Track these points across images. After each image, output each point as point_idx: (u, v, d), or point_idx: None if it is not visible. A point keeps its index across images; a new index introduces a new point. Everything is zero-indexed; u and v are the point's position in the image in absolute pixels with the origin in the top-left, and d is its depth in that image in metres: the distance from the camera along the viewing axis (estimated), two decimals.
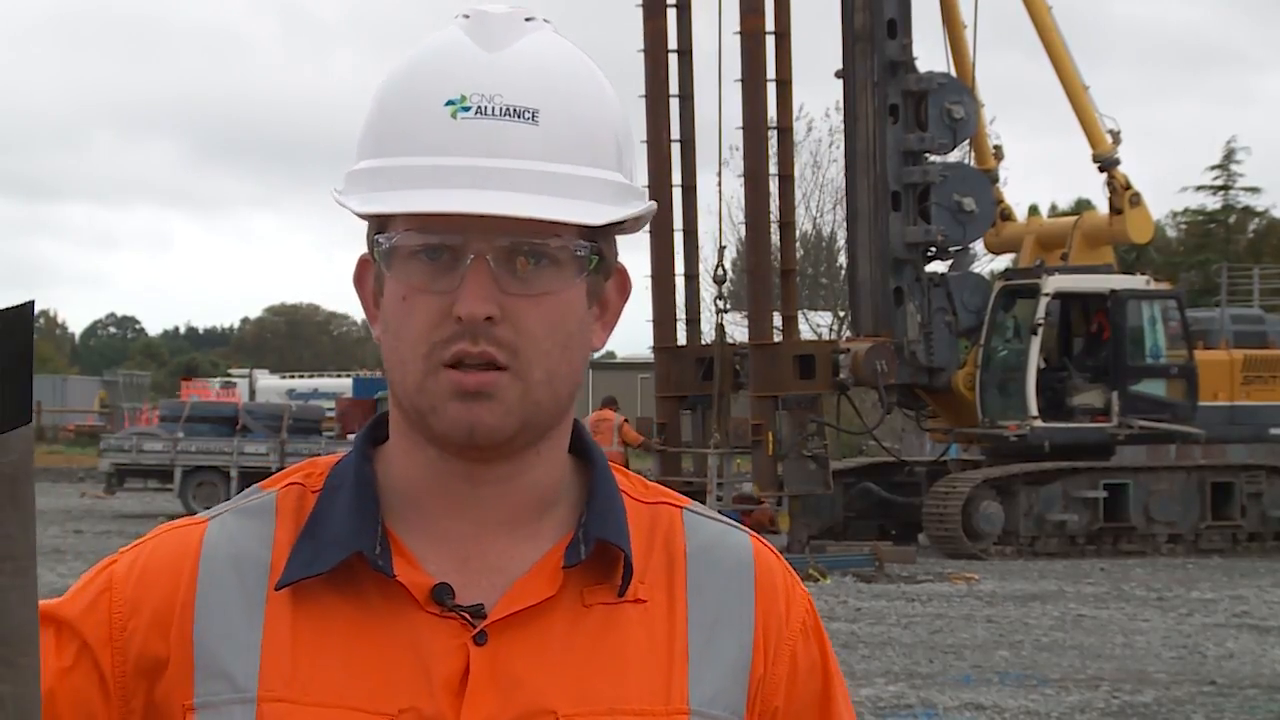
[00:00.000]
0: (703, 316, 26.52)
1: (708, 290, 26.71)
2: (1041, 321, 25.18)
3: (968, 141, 26.57)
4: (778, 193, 26.35)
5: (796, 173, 29.21)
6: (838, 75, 25.90)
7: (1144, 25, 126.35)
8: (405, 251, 1.61)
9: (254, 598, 1.65)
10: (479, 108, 1.59)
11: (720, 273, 25.58)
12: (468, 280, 1.59)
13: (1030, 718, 11.56)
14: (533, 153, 1.59)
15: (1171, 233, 59.46)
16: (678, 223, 25.81)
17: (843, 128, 27.10)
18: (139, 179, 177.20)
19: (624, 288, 1.71)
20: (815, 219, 45.60)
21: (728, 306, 26.29)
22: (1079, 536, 24.51)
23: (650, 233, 25.03)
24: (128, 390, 57.14)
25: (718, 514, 1.78)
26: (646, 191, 1.69)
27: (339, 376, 59.16)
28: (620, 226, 1.66)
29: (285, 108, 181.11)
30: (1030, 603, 18.29)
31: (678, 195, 25.72)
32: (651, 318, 25.90)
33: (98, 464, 33.82)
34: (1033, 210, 37.51)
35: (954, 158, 26.76)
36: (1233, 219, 57.72)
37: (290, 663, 1.62)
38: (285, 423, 31.42)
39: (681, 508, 1.74)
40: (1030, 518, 24.33)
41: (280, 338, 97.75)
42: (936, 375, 25.32)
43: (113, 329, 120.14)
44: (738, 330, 30.65)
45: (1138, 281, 26.12)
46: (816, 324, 43.86)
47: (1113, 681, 13.02)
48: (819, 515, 24.49)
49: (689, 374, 25.37)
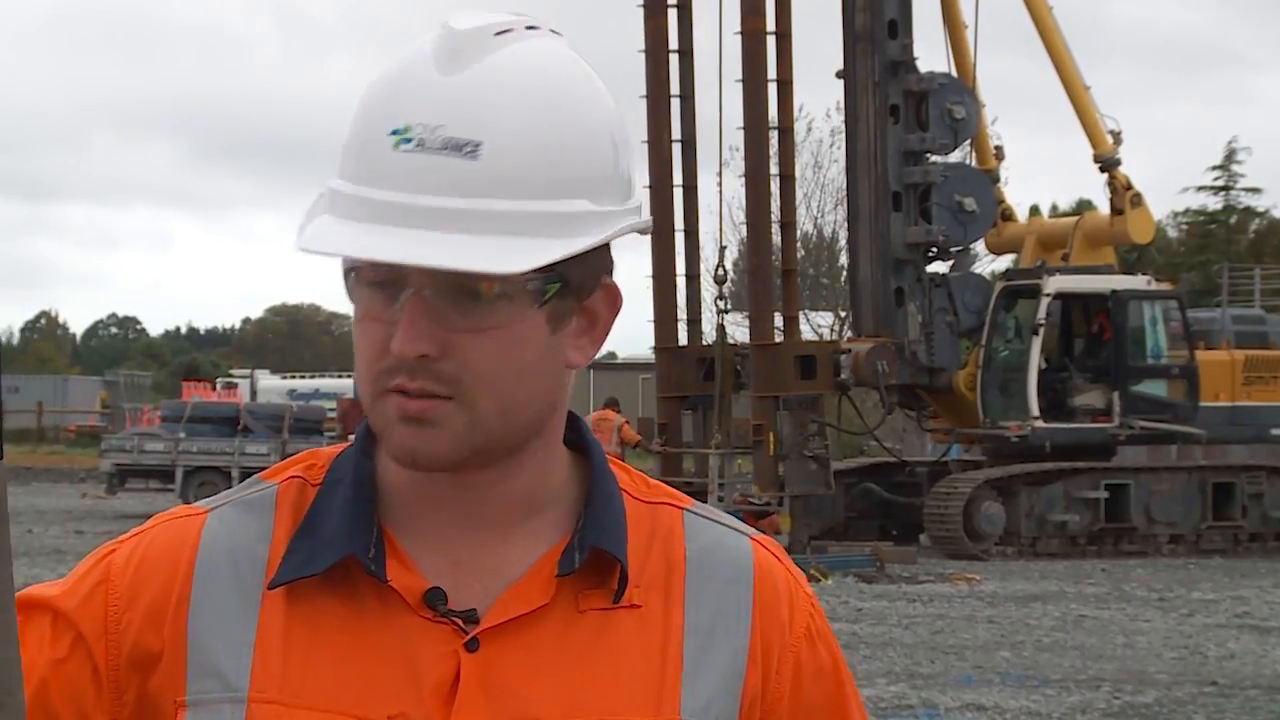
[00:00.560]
0: (704, 317, 26.52)
1: (709, 290, 26.70)
2: (1043, 322, 25.18)
3: (969, 142, 26.57)
4: (779, 193, 26.35)
5: (797, 173, 29.22)
6: (839, 75, 25.91)
7: (1142, 26, 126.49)
8: (360, 276, 1.58)
9: (250, 595, 1.63)
10: (419, 140, 1.53)
11: (721, 273, 25.56)
12: (403, 317, 1.55)
13: (1031, 718, 11.56)
14: (469, 189, 1.52)
15: (1173, 233, 59.43)
16: (679, 223, 25.79)
17: (844, 128, 27.11)
18: (139, 179, 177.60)
19: (614, 302, 1.64)
20: (816, 219, 45.62)
21: (729, 307, 26.27)
22: (1080, 537, 24.51)
23: (651, 233, 24.96)
24: (129, 391, 57.03)
25: (722, 515, 1.73)
26: (636, 209, 1.62)
27: (340, 377, 59.04)
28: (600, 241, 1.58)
29: (285, 108, 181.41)
30: (1031, 603, 18.28)
31: (679, 195, 25.71)
32: (653, 318, 25.88)
33: (99, 464, 33.85)
34: (1034, 210, 37.43)
35: (955, 158, 26.76)
36: (1234, 219, 57.69)
37: (282, 663, 1.60)
38: (286, 423, 31.47)
39: (683, 509, 1.71)
40: (1031, 518, 24.33)
41: (281, 338, 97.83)
42: (937, 375, 25.32)
43: (114, 329, 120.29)
44: (739, 330, 30.61)
45: (1139, 282, 26.11)
46: (818, 324, 43.85)
47: (1114, 682, 13.01)
48: (820, 516, 24.49)
49: (690, 374, 25.35)
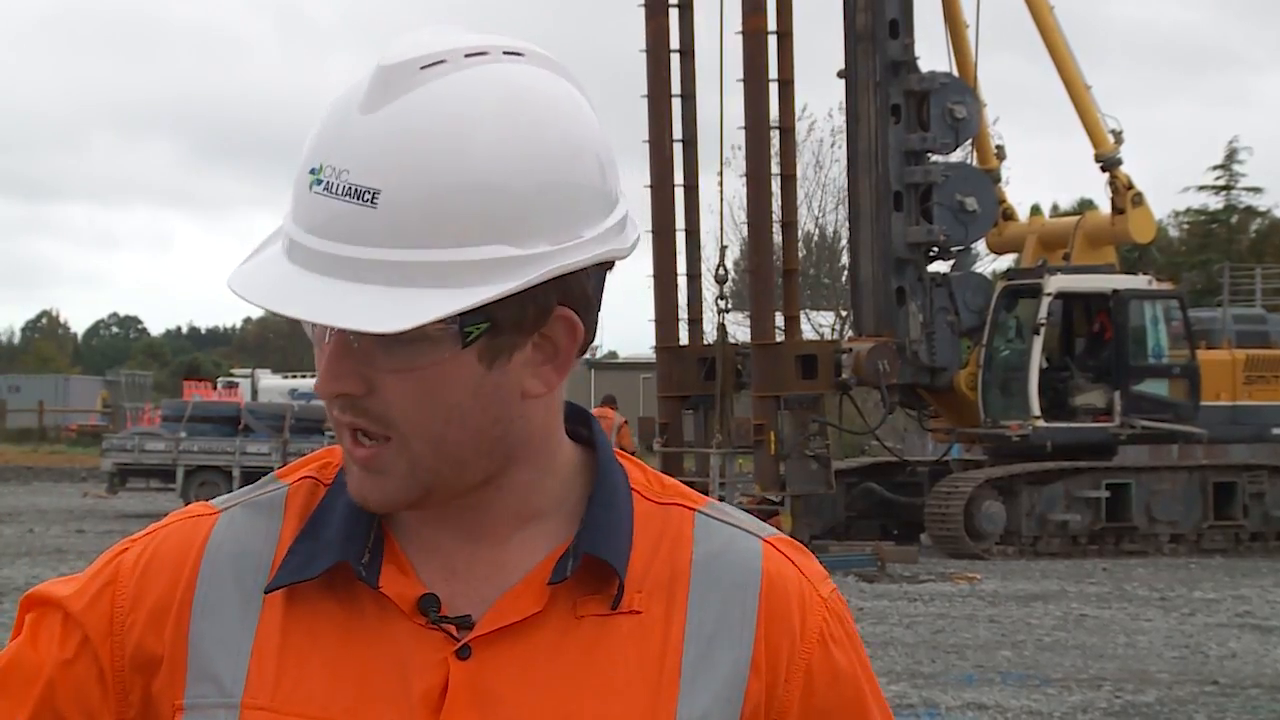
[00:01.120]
0: (705, 316, 26.50)
1: (710, 290, 26.69)
2: (1044, 321, 25.17)
3: (970, 141, 26.56)
4: (780, 193, 26.34)
5: (799, 173, 29.22)
6: (840, 75, 25.89)
7: (1142, 26, 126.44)
8: None
9: (251, 598, 1.62)
10: (328, 183, 1.50)
11: (722, 272, 25.54)
12: (325, 357, 1.54)
13: (1033, 717, 11.56)
14: (365, 238, 1.49)
15: (1174, 233, 59.42)
16: (680, 223, 25.77)
17: (845, 128, 27.10)
18: (139, 179, 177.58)
19: (573, 331, 1.57)
20: (818, 219, 45.63)
21: (730, 306, 26.24)
22: (1081, 536, 24.49)
23: (652, 233, 25.05)
24: (130, 390, 57.07)
25: (737, 514, 1.68)
26: (587, 243, 1.54)
27: None
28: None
29: (285, 108, 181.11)
30: (1032, 603, 18.27)
31: (680, 195, 25.69)
32: (653, 317, 25.88)
33: (100, 464, 33.83)
34: (1035, 210, 37.44)
35: (956, 158, 26.73)
36: (1235, 219, 57.68)
37: (276, 669, 1.59)
38: (288, 422, 31.42)
39: (695, 510, 1.66)
40: (1032, 518, 24.32)
41: (282, 337, 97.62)
42: (939, 375, 25.31)
43: (115, 329, 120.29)
44: (740, 330, 30.62)
45: (1140, 281, 26.09)
46: (819, 324, 43.87)
47: (1115, 681, 13.01)
48: (821, 515, 24.46)
49: (691, 374, 25.33)
